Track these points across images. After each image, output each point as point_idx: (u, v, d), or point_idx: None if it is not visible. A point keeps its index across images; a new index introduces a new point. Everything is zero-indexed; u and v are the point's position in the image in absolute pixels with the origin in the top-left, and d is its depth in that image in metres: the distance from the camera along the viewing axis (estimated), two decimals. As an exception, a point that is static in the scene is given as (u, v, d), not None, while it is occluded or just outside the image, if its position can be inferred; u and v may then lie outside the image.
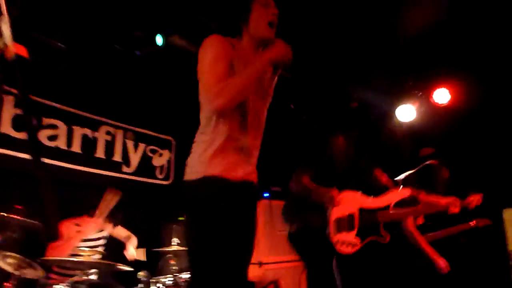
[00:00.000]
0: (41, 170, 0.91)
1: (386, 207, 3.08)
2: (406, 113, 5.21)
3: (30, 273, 2.86)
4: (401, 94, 5.28)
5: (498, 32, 4.22)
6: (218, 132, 1.79)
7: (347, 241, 2.91)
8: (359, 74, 5.17)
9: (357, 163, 3.41)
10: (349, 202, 3.05)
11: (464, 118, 5.12)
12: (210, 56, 1.76)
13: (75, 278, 3.06)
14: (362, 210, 3.05)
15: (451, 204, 2.74)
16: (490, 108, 5.08)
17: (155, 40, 3.86)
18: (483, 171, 5.29)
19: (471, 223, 3.81)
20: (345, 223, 3.00)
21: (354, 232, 2.97)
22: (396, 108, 5.27)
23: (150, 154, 5.01)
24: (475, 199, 3.11)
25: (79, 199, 4.24)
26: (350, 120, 5.68)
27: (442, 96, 4.96)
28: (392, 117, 5.35)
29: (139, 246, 3.90)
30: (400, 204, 3.09)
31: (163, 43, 3.86)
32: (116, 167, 4.62)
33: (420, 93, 5.21)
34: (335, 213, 3.01)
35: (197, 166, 1.78)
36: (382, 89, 5.40)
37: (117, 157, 4.65)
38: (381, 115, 5.58)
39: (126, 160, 4.72)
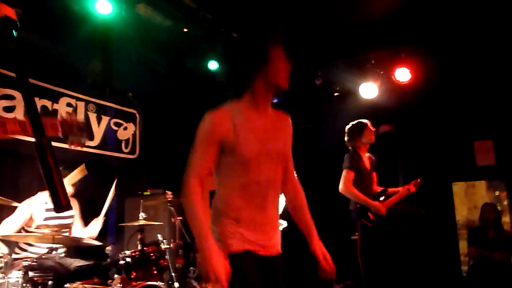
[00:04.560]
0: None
1: None
2: (368, 90, 5.38)
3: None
4: (364, 73, 5.43)
5: (456, 13, 4.41)
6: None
7: None
8: (323, 53, 5.25)
9: None
10: None
11: (422, 96, 5.37)
12: (199, 136, 1.76)
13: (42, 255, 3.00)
14: None
15: None
16: (446, 87, 5.35)
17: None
18: (436, 147, 5.62)
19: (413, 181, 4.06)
20: None
21: None
22: (359, 86, 5.43)
23: (115, 128, 4.89)
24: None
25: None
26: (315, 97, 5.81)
27: (403, 75, 5.15)
28: (355, 94, 5.51)
29: (106, 221, 3.85)
30: None
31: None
32: (79, 140, 4.46)
33: (382, 72, 5.38)
34: None
35: None
36: (345, 67, 5.53)
37: (80, 130, 4.49)
38: (344, 92, 5.74)
39: (89, 133, 4.58)
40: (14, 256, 3.08)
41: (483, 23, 4.47)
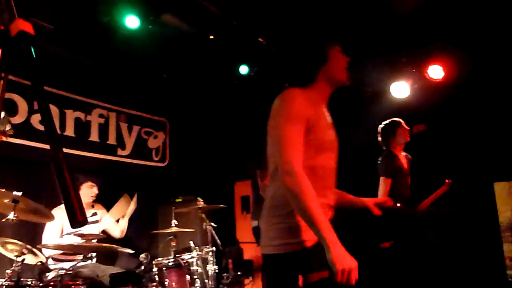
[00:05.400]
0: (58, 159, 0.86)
1: None
2: (400, 90, 5.22)
3: (31, 259, 2.84)
4: (395, 72, 5.27)
5: (489, 8, 4.21)
6: None
7: None
8: (353, 52, 5.14)
9: None
10: None
11: (457, 93, 5.14)
12: (289, 114, 1.65)
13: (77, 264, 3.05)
14: None
15: None
16: (481, 84, 5.11)
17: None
18: (475, 146, 5.36)
19: (446, 182, 3.92)
20: None
21: None
22: (390, 85, 5.27)
23: (145, 136, 4.97)
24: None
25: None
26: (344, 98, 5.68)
27: (436, 72, 4.96)
28: (386, 94, 5.36)
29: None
30: None
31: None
32: (111, 150, 4.56)
33: (414, 70, 5.20)
34: None
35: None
36: (376, 66, 5.39)
37: (112, 140, 4.59)
38: (375, 92, 5.59)
39: (121, 143, 4.67)
40: (50, 266, 3.17)
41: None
